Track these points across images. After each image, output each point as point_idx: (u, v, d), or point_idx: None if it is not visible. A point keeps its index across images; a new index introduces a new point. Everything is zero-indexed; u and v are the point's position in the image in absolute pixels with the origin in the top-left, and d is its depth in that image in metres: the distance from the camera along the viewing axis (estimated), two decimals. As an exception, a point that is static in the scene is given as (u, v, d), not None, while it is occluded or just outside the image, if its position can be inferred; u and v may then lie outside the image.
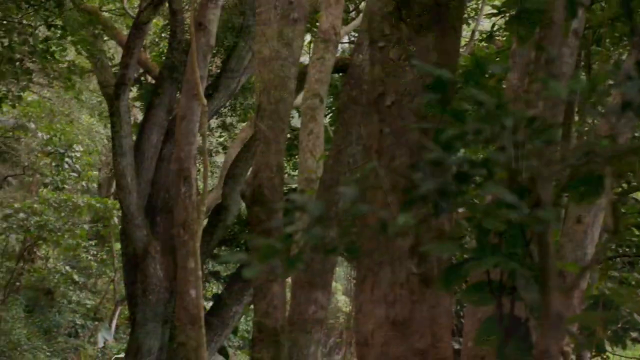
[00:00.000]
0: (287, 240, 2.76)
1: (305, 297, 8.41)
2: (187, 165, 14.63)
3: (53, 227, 33.99)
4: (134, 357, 18.88)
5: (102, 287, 43.79)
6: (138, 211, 19.21)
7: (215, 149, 29.28)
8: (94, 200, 34.60)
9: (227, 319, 19.86)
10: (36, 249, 39.25)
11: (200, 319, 13.57)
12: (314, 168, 9.93)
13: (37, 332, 38.45)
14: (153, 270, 19.02)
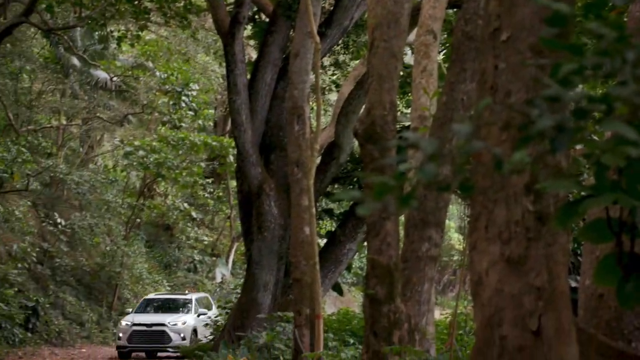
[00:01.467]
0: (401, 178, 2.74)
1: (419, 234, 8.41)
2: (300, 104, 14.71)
3: (171, 165, 34.74)
4: (250, 292, 19.27)
5: (219, 224, 44.75)
6: (253, 149, 19.44)
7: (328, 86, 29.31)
8: (210, 139, 35.17)
9: (340, 256, 20.04)
10: (155, 186, 40.28)
11: (315, 255, 13.74)
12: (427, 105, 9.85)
13: (157, 267, 39.63)
14: (268, 207, 19.28)
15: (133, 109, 36.54)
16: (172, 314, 27.26)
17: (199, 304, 28.35)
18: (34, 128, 35.40)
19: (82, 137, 39.91)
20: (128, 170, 37.47)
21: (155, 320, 26.51)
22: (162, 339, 25.96)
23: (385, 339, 7.58)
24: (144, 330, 25.99)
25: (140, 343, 26.05)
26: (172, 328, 26.13)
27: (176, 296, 29.70)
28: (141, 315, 27.17)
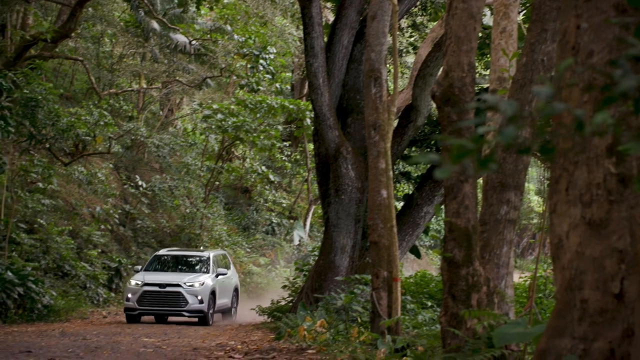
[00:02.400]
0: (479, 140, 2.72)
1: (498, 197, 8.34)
2: (377, 66, 14.64)
3: (249, 128, 34.96)
4: (328, 255, 19.37)
5: (296, 187, 44.99)
6: (330, 112, 19.45)
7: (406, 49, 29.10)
8: (288, 102, 35.27)
9: (417, 218, 20.00)
10: (234, 149, 40.61)
11: (392, 218, 13.73)
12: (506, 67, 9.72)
13: (236, 229, 40.06)
14: (345, 170, 19.30)
15: (211, 72, 36.81)
16: (188, 274, 24.08)
17: (217, 262, 25.27)
18: (116, 91, 35.94)
19: (161, 100, 40.39)
20: (207, 134, 37.83)
21: (170, 280, 23.40)
22: (177, 301, 22.96)
23: (463, 301, 7.57)
24: (157, 291, 22.99)
25: (152, 306, 23.05)
26: (188, 289, 23.02)
27: (192, 253, 26.38)
28: (153, 274, 23.96)
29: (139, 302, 22.79)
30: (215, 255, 25.46)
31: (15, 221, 25.19)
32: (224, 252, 27.26)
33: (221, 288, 24.31)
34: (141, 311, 22.95)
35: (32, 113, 23.34)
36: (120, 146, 33.63)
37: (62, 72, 35.67)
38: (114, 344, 15.89)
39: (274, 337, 16.74)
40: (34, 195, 27.32)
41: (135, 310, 22.85)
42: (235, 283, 26.37)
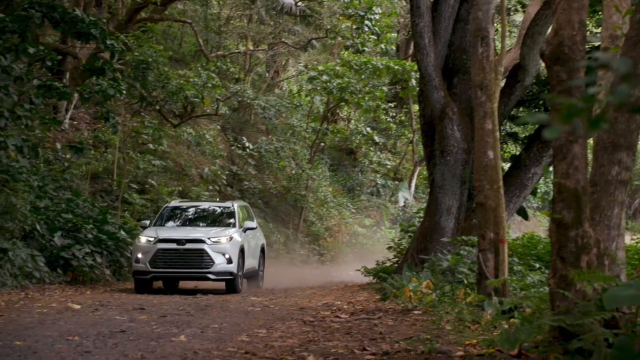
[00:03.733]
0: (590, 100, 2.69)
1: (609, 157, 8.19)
2: (484, 25, 14.44)
3: (354, 89, 34.93)
4: (433, 216, 19.32)
5: (401, 148, 44.84)
6: (435, 72, 19.29)
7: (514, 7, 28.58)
8: (393, 63, 35.08)
9: (525, 180, 19.75)
10: (338, 111, 40.66)
11: (499, 179, 13.60)
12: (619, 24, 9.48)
13: (341, 190, 40.22)
14: (450, 131, 19.16)
15: (317, 33, 36.85)
16: (210, 228, 20.44)
17: (242, 215, 21.41)
18: (223, 53, 36.33)
19: (267, 62, 40.66)
20: (312, 95, 37.97)
21: (190, 235, 19.60)
22: (200, 261, 19.14)
23: (572, 263, 7.48)
24: (174, 249, 19.11)
25: (168, 268, 19.13)
26: (213, 246, 19.23)
27: (212, 204, 22.49)
28: (167, 229, 20.15)
29: (152, 263, 18.97)
30: (240, 207, 21.74)
31: (128, 182, 25.82)
32: (246, 204, 23.57)
33: (249, 246, 20.74)
34: (155, 274, 19.10)
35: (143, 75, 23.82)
36: (228, 108, 34.04)
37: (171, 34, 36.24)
38: (223, 303, 16.23)
39: (380, 297, 16.83)
40: (145, 156, 27.93)
41: (148, 274, 18.98)
42: (262, 241, 22.63)
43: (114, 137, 25.63)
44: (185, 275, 19.46)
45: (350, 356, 9.30)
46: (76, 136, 26.72)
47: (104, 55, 21.08)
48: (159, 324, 12.44)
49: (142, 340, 10.54)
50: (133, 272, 19.29)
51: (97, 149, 26.70)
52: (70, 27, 19.09)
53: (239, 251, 19.44)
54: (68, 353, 9.36)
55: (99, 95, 20.23)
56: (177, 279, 20.49)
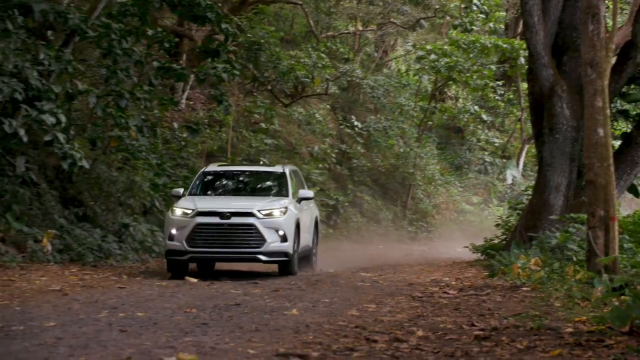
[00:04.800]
0: None
1: None
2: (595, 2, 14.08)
3: (462, 68, 34.59)
4: (542, 194, 19.01)
5: (509, 126, 44.19)
6: (544, 50, 18.92)
7: (625, -17, 27.76)
8: (501, 41, 34.56)
9: (636, 157, 19.23)
10: (446, 89, 40.30)
11: (609, 157, 13.29)
12: None
13: (448, 168, 39.93)
14: (559, 109, 18.79)
15: (425, 13, 36.54)
16: (258, 198, 16.80)
17: (294, 181, 17.68)
18: (333, 34, 36.40)
19: (376, 42, 40.55)
20: (420, 74, 37.72)
21: (235, 206, 15.87)
22: (249, 239, 15.64)
23: (685, 242, 7.27)
24: (216, 224, 15.58)
25: (210, 247, 15.62)
26: (265, 220, 15.67)
27: (258, 168, 18.53)
28: (207, 199, 16.57)
29: (190, 241, 15.49)
30: (292, 171, 17.93)
31: (241, 159, 26.16)
32: (296, 168, 19.47)
33: (304, 220, 17.09)
34: (193, 255, 15.56)
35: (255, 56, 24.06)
36: (337, 87, 34.11)
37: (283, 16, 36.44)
38: (333, 278, 16.33)
39: (488, 274, 16.68)
40: (257, 135, 28.24)
41: (184, 254, 15.47)
42: (316, 213, 18.80)
43: (228, 117, 25.97)
44: (229, 256, 15.91)
45: (459, 331, 9.26)
46: (192, 116, 27.18)
47: (218, 37, 21.38)
48: (271, 297, 12.61)
49: (256, 314, 10.70)
50: (166, 252, 15.76)
51: (212, 128, 27.10)
52: (187, 10, 19.44)
53: (295, 226, 15.99)
54: (186, 324, 9.57)
55: (214, 77, 20.54)
56: (219, 261, 16.72)
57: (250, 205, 15.89)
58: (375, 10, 36.54)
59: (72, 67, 17.65)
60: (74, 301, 11.36)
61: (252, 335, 8.76)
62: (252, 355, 7.57)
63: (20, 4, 16.67)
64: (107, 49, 18.29)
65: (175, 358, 7.32)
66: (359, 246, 28.70)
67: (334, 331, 9.22)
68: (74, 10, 17.92)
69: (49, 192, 18.53)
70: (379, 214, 33.27)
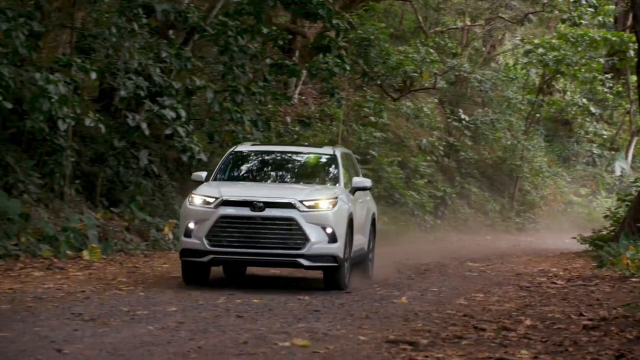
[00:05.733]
0: None
1: None
2: None
3: (570, 61, 33.90)
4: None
5: (618, 119, 43.03)
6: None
7: None
8: (610, 34, 33.69)
9: None
10: (554, 82, 39.51)
11: None
12: None
13: (556, 160, 39.20)
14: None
15: (534, 7, 35.88)
16: (301, 186, 12.76)
17: (347, 167, 13.45)
18: (441, 30, 36.12)
19: (484, 37, 40.04)
20: (527, 68, 37.07)
21: (271, 195, 12.01)
22: (288, 238, 11.78)
23: None
24: (247, 217, 11.77)
25: (237, 246, 11.76)
26: (308, 215, 11.77)
27: (303, 148, 14.25)
28: (237, 186, 12.67)
29: (212, 238, 11.71)
30: (344, 155, 13.73)
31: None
32: (349, 151, 15.02)
33: (359, 216, 12.98)
34: (215, 257, 11.73)
35: (365, 52, 24.05)
36: (445, 82, 33.83)
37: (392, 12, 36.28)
38: (441, 267, 16.25)
39: (596, 265, 16.32)
40: (367, 128, 28.24)
41: (204, 254, 11.67)
42: (373, 209, 14.46)
43: (339, 110, 26.07)
44: (261, 259, 11.91)
45: (567, 321, 9.10)
46: (304, 110, 27.37)
47: (330, 34, 21.47)
48: (381, 286, 12.62)
49: (366, 301, 10.74)
50: (180, 252, 11.98)
51: (323, 122, 27.25)
52: (299, 8, 19.58)
53: (347, 223, 12.07)
54: (299, 311, 9.68)
55: (325, 72, 20.65)
56: (248, 264, 12.90)
57: (291, 194, 11.94)
58: (483, 6, 36.09)
59: (191, 64, 18.02)
60: (193, 287, 11.59)
61: (362, 322, 8.79)
62: (363, 342, 7.59)
63: (144, 5, 17.10)
64: (224, 46, 18.58)
65: (289, 343, 7.39)
66: (467, 237, 28.46)
67: (443, 319, 9.17)
68: (193, 10, 18.27)
69: (170, 184, 18.99)
70: (486, 206, 32.92)
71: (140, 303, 9.88)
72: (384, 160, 27.65)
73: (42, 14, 15.61)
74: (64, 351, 6.67)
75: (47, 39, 16.74)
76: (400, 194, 27.40)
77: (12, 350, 6.66)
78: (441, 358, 6.81)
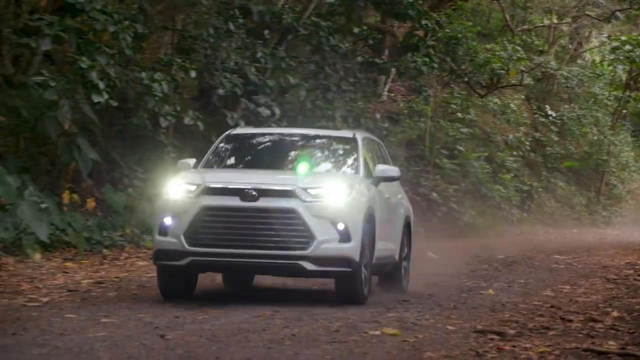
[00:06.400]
0: None
1: None
2: None
3: (657, 57, 33.00)
4: None
5: None
6: None
7: None
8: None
9: None
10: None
11: None
12: None
13: (644, 155, 38.35)
14: None
15: (621, 5, 34.99)
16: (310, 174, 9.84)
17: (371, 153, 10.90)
18: (528, 27, 35.56)
19: (571, 34, 39.29)
20: (614, 65, 36.18)
21: (267, 181, 9.42)
22: (287, 234, 9.07)
23: None
24: (235, 208, 9.15)
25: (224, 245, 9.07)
26: (313, 205, 9.07)
27: (316, 131, 11.50)
28: (226, 172, 10.28)
29: (192, 235, 9.11)
30: (367, 140, 10.97)
31: (439, 148, 26.08)
32: (375, 138, 12.13)
33: (384, 211, 10.29)
34: (195, 259, 9.06)
35: (453, 50, 23.86)
36: (531, 78, 33.31)
37: (480, 11, 35.84)
38: (528, 260, 16.01)
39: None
40: (454, 124, 28.02)
41: (182, 257, 9.04)
42: (405, 205, 11.54)
43: (426, 107, 25.94)
44: (253, 262, 9.10)
45: (656, 314, 8.84)
46: (393, 107, 27.29)
47: (418, 33, 21.38)
48: (468, 277, 12.51)
49: (454, 292, 10.65)
50: (154, 254, 9.35)
51: (411, 118, 27.13)
52: (389, 8, 19.60)
53: (365, 218, 9.32)
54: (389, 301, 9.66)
55: (414, 70, 20.60)
56: (238, 269, 9.69)
57: (292, 180, 9.32)
58: (570, 4, 35.39)
59: (285, 63, 18.13)
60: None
61: (450, 313, 8.70)
62: (451, 331, 7.51)
63: (240, 6, 17.29)
64: (317, 45, 18.68)
65: (379, 332, 7.36)
66: (553, 230, 28.01)
67: (530, 310, 9.02)
68: (287, 11, 18.38)
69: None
70: (573, 200, 32.35)
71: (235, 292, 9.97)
72: (471, 155, 27.40)
73: (146, 17, 15.94)
74: (167, 337, 6.79)
75: (150, 41, 17.07)
76: (487, 188, 27.11)
77: (119, 335, 6.81)
78: (528, 348, 6.69)
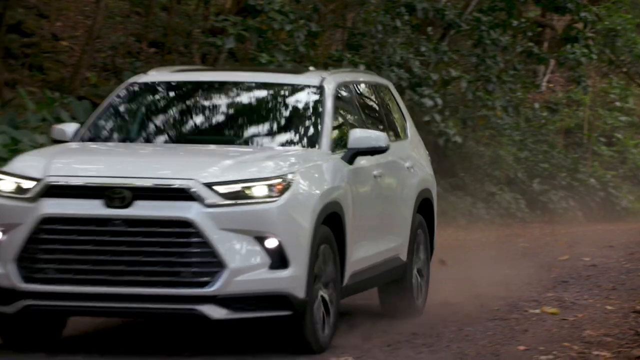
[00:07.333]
0: None
1: None
2: None
3: None
4: None
5: None
6: None
7: None
8: None
9: None
10: None
11: None
12: None
13: None
14: None
15: None
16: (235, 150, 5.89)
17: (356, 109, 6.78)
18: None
19: None
20: None
21: (150, 172, 5.32)
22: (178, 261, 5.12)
23: None
24: (95, 220, 5.19)
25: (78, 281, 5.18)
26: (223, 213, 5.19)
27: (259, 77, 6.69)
28: (95, 153, 6.01)
29: (26, 264, 5.24)
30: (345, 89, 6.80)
31: (596, 135, 25.52)
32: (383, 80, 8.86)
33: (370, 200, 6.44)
34: (34, 303, 5.21)
35: (612, 42, 23.23)
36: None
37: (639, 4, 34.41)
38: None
39: None
40: (612, 113, 27.24)
41: (12, 299, 5.19)
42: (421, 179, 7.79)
43: (585, 97, 25.33)
44: (124, 309, 5.38)
45: None
46: (551, 97, 26.76)
47: (577, 25, 20.90)
48: (627, 260, 12.15)
49: (613, 274, 10.41)
50: None
51: (569, 108, 26.54)
52: (549, 2, 19.31)
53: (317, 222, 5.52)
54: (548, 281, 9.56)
55: (573, 61, 20.27)
56: (98, 314, 5.78)
57: (192, 167, 5.56)
58: None
59: (448, 57, 18.15)
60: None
61: (609, 293, 8.55)
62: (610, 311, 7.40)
63: (406, 4, 17.39)
64: (478, 39, 18.58)
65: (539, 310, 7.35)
66: None
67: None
68: (450, 7, 18.36)
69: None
70: None
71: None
72: (629, 143, 26.57)
73: (319, 16, 16.30)
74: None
75: (323, 38, 17.44)
76: (645, 174, 26.19)
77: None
78: (689, 329, 6.51)
